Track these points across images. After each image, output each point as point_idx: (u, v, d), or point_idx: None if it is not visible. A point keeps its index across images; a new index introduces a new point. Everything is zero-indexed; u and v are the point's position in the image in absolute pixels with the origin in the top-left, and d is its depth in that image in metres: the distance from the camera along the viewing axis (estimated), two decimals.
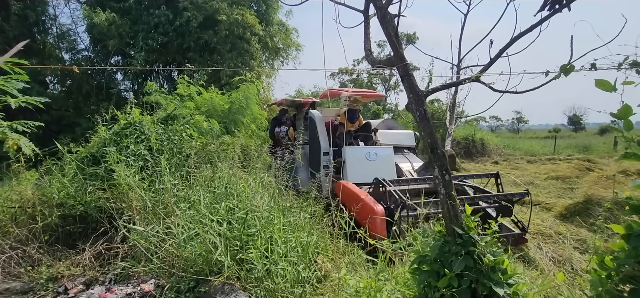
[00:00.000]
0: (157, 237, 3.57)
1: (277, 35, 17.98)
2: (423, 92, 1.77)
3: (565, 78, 2.31)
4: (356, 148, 7.04)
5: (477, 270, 1.66)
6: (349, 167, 6.53)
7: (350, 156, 6.65)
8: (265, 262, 3.10)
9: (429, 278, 1.74)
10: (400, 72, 1.78)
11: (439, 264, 1.73)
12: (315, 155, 6.89)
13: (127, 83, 18.37)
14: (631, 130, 1.35)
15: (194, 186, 4.64)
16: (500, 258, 1.70)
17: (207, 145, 5.97)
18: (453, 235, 1.73)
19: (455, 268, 1.64)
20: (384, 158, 6.99)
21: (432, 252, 1.74)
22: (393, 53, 1.78)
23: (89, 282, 4.01)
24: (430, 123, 1.76)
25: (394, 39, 1.75)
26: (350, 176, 6.26)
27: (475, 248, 1.69)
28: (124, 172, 5.13)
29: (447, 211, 1.74)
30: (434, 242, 1.77)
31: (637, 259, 1.28)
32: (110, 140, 6.04)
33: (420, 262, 1.82)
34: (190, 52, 15.64)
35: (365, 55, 2.14)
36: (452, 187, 1.77)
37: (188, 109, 7.66)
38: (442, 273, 1.69)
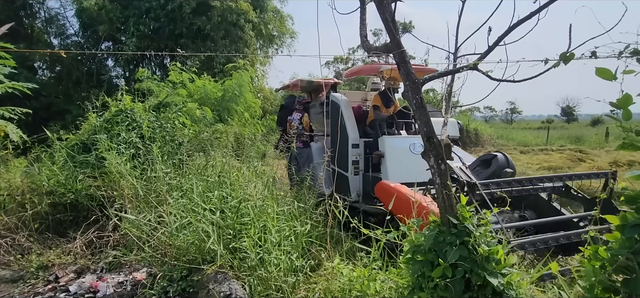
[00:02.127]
0: (149, 226, 3.53)
1: (271, 22, 17.76)
2: (420, 80, 1.74)
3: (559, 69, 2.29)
4: (397, 138, 5.75)
5: (472, 260, 1.66)
6: (390, 162, 5.20)
7: (391, 148, 5.33)
8: (258, 250, 3.08)
9: (423, 268, 1.73)
10: (397, 59, 1.75)
11: (433, 254, 1.72)
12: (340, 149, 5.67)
13: (118, 69, 18.10)
14: (630, 120, 1.34)
15: (187, 174, 4.59)
16: (495, 248, 1.70)
17: (200, 133, 5.90)
18: (448, 225, 1.72)
19: (450, 258, 1.63)
20: None
21: (426, 242, 1.73)
22: (390, 39, 1.74)
23: (80, 270, 3.98)
24: (426, 111, 1.74)
25: (391, 25, 1.71)
26: (392, 173, 4.99)
27: (469, 239, 1.69)
28: (116, 160, 5.05)
29: (443, 201, 1.73)
30: (429, 231, 1.76)
31: (631, 250, 1.28)
32: (101, 127, 5.94)
33: (414, 251, 1.81)
34: (182, 38, 15.39)
35: (361, 42, 2.10)
36: (447, 177, 1.75)
37: (180, 97, 7.55)
38: (436, 263, 1.69)
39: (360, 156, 5.58)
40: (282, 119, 7.37)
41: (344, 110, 5.81)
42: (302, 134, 6.73)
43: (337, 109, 5.85)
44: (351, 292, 2.36)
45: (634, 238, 1.30)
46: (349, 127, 5.67)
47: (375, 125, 5.80)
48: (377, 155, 5.34)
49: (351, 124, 5.76)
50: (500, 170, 4.94)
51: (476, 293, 1.64)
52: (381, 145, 5.41)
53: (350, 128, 5.67)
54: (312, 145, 6.43)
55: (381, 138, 5.50)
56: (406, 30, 27.61)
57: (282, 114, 7.52)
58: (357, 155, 5.56)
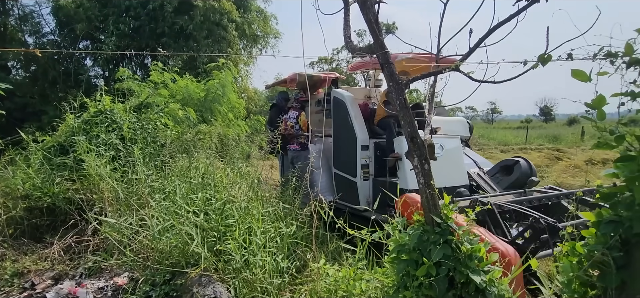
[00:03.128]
0: (130, 229, 3.45)
1: (255, 22, 17.63)
2: (404, 81, 1.76)
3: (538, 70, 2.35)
4: None
5: (455, 259, 1.69)
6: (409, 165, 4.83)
7: None
8: (243, 252, 3.05)
9: (407, 267, 1.75)
10: (381, 60, 1.76)
11: (417, 253, 1.75)
12: (346, 151, 5.03)
13: (97, 69, 17.61)
14: (604, 119, 1.39)
15: (170, 176, 4.51)
16: (477, 246, 1.74)
17: (182, 134, 5.81)
18: (432, 224, 1.75)
19: (434, 257, 1.65)
20: (451, 152, 4.95)
21: (411, 241, 1.75)
22: (373, 40, 1.76)
23: (58, 276, 3.85)
24: (410, 112, 1.76)
25: (374, 26, 1.72)
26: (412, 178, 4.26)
27: (453, 237, 1.72)
28: (95, 162, 4.92)
29: (426, 200, 1.75)
30: (413, 231, 1.78)
31: (606, 245, 1.33)
32: (80, 128, 5.78)
33: (398, 251, 1.83)
34: (164, 37, 15.11)
35: (345, 42, 2.11)
36: (431, 177, 1.78)
37: (162, 97, 7.41)
38: (421, 262, 1.71)
39: (370, 159, 4.97)
40: (273, 118, 6.60)
41: (351, 107, 5.16)
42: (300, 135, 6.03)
43: (342, 106, 5.23)
44: (337, 293, 2.37)
45: (608, 235, 1.35)
46: (357, 127, 5.00)
47: (389, 124, 5.05)
48: (394, 158, 4.65)
49: (359, 122, 5.10)
50: (524, 178, 4.64)
51: (459, 290, 1.67)
52: (398, 146, 4.70)
53: (358, 127, 5.00)
54: (311, 148, 5.74)
55: (398, 138, 4.78)
56: (390, 31, 27.89)
57: (273, 113, 6.78)
58: (366, 158, 4.92)
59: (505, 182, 4.86)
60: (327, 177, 5.57)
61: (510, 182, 4.77)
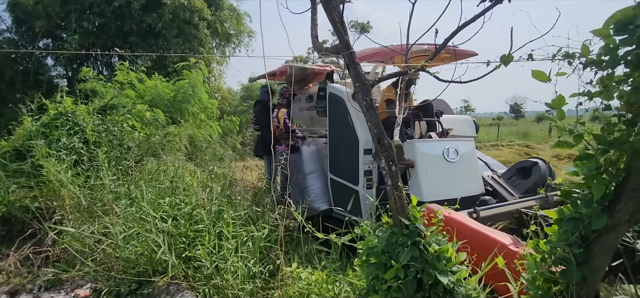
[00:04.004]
0: (92, 238, 3.27)
1: (228, 21, 17.29)
2: (369, 82, 1.75)
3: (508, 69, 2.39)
4: (430, 142, 4.46)
5: (423, 260, 1.69)
6: (423, 174, 4.01)
7: (423, 156, 4.08)
8: (213, 258, 2.96)
9: (376, 271, 1.74)
10: (346, 60, 1.74)
11: (386, 256, 1.73)
12: (345, 155, 4.48)
13: (59, 69, 16.72)
14: (563, 119, 1.43)
15: (136, 181, 4.33)
16: (445, 247, 1.74)
17: (150, 136, 5.59)
18: (400, 226, 1.74)
19: (402, 260, 1.65)
20: (467, 157, 4.41)
21: (379, 244, 1.73)
22: (338, 40, 1.72)
23: (14, 291, 3.61)
24: (376, 113, 1.75)
25: (339, 26, 1.69)
26: (427, 188, 3.91)
27: (421, 239, 1.72)
28: (55, 168, 4.65)
29: (394, 202, 1.75)
30: (382, 234, 1.77)
31: (568, 242, 1.37)
32: (38, 132, 5.46)
33: (368, 254, 1.82)
34: (131, 36, 14.54)
35: (312, 42, 2.07)
36: (398, 178, 1.77)
37: (128, 98, 7.12)
38: (389, 264, 1.70)
39: (373, 165, 4.44)
40: (258, 116, 5.98)
41: (350, 106, 4.50)
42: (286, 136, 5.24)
43: (341, 104, 4.56)
44: (309, 297, 2.33)
45: (570, 231, 1.38)
46: (359, 128, 4.38)
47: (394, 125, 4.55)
48: (405, 165, 4.08)
49: (361, 123, 4.41)
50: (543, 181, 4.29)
51: (428, 292, 1.68)
52: (409, 151, 4.16)
53: (360, 129, 4.37)
54: (303, 150, 5.15)
55: (408, 142, 4.24)
56: (364, 30, 28.12)
57: (258, 110, 6.10)
58: (370, 164, 4.38)
59: (523, 186, 4.49)
60: (321, 183, 5.01)
61: (528, 186, 4.43)
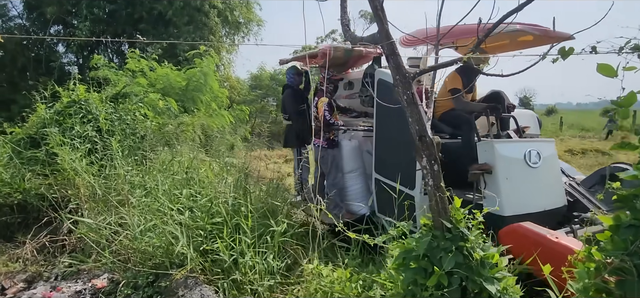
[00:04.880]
0: (109, 229, 3.24)
1: (237, 9, 17.12)
2: (411, 74, 1.64)
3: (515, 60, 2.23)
4: (510, 143, 3.77)
5: (467, 267, 1.60)
6: (504, 182, 3.34)
7: (504, 160, 3.41)
8: (231, 252, 2.91)
9: (415, 276, 1.65)
10: (386, 51, 1.63)
11: (426, 261, 1.65)
12: (398, 153, 3.91)
13: (70, 56, 16.76)
14: (627, 118, 1.32)
15: (151, 171, 4.29)
16: (490, 253, 1.64)
17: (164, 125, 5.54)
18: (441, 230, 1.65)
19: (445, 266, 1.56)
20: (549, 162, 3.72)
21: (419, 248, 1.64)
22: (378, 28, 1.62)
23: (31, 278, 3.61)
24: (418, 108, 1.65)
25: (380, 12, 1.58)
26: (508, 199, 3.25)
27: (464, 243, 1.62)
28: (69, 156, 4.64)
29: (436, 204, 1.65)
30: (422, 237, 1.68)
31: (626, 251, 1.27)
32: (52, 120, 5.44)
33: (404, 258, 1.73)
34: (142, 23, 14.49)
35: (343, 31, 1.97)
36: (440, 178, 1.68)
37: (141, 86, 7.08)
38: (430, 270, 1.61)
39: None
40: (289, 103, 5.32)
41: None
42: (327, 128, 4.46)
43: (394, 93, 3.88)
44: (333, 295, 2.27)
45: (628, 239, 1.29)
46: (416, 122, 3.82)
47: (462, 119, 3.89)
48: (480, 170, 3.42)
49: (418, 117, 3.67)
50: None
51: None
52: (485, 153, 3.48)
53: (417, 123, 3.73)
54: (344, 145, 4.56)
55: (484, 143, 3.56)
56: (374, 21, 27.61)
57: (288, 96, 5.39)
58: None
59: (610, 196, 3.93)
60: (361, 183, 4.49)
61: None
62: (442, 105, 4.20)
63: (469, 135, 3.75)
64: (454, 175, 3.06)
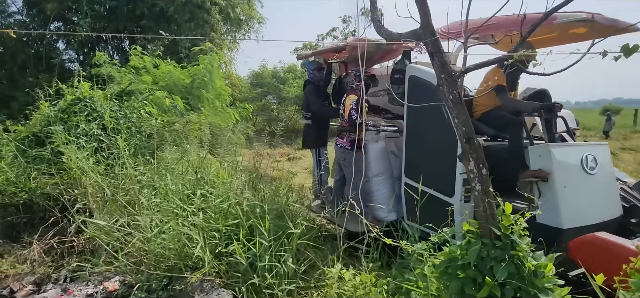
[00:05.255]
0: (121, 231, 3.16)
1: (239, 6, 17.01)
2: (457, 73, 1.56)
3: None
4: (565, 146, 3.46)
5: (520, 277, 1.52)
6: (561, 189, 3.04)
7: (560, 165, 3.10)
8: (248, 254, 2.84)
9: (463, 286, 1.58)
10: (430, 48, 1.56)
11: (475, 270, 1.57)
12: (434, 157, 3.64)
13: (70, 53, 16.64)
14: None
15: (160, 171, 4.20)
16: (542, 263, 1.56)
17: (171, 124, 5.45)
18: (490, 238, 1.58)
19: (498, 276, 1.48)
20: (605, 168, 3.45)
21: (470, 257, 1.57)
22: (421, 24, 1.54)
23: (40, 280, 3.52)
24: (464, 108, 1.57)
25: (425, 6, 1.50)
26: (567, 209, 2.97)
27: (515, 252, 1.55)
28: (75, 155, 4.55)
29: (484, 210, 1.58)
30: (471, 245, 1.60)
31: None
32: (56, 117, 5.34)
33: (448, 266, 1.65)
34: (143, 20, 14.38)
35: (375, 28, 1.89)
36: (489, 183, 1.61)
37: (145, 84, 6.98)
38: (480, 280, 1.54)
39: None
40: (312, 100, 4.97)
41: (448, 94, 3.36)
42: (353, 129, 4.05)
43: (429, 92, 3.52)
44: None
45: None
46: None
47: (509, 121, 3.55)
48: (533, 176, 3.09)
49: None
50: None
51: None
52: (539, 159, 3.14)
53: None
54: (370, 147, 4.19)
55: (539, 147, 3.22)
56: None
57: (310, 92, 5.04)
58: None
59: None
60: (387, 188, 4.17)
61: None
62: (482, 103, 3.85)
63: (517, 138, 3.41)
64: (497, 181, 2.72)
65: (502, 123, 3.67)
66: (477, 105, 3.90)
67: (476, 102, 3.93)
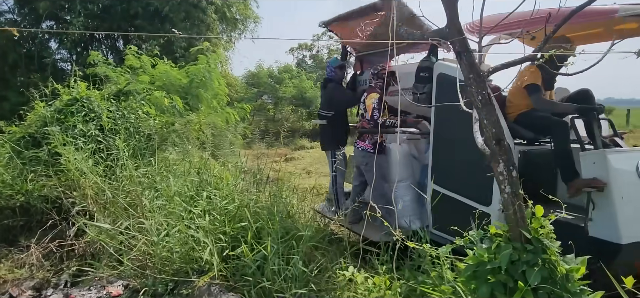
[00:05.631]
0: (126, 235, 3.09)
1: (235, 5, 16.90)
2: (485, 72, 1.53)
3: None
4: (620, 152, 3.14)
5: (552, 281, 1.49)
6: (619, 200, 2.77)
7: (616, 173, 2.84)
8: (255, 257, 2.79)
9: (493, 290, 1.54)
10: (458, 48, 1.52)
11: (505, 275, 1.54)
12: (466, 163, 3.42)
13: (63, 52, 16.38)
14: None
15: (161, 172, 4.13)
16: (575, 266, 1.53)
17: (171, 124, 5.37)
18: (520, 241, 1.55)
19: (532, 280, 1.45)
20: None
21: (502, 261, 1.53)
22: (448, 22, 1.50)
23: (40, 285, 3.44)
24: (494, 109, 1.53)
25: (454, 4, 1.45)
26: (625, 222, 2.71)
27: (547, 256, 1.52)
28: (74, 156, 4.45)
29: (514, 213, 1.55)
30: (502, 248, 1.57)
31: None
32: (53, 118, 5.23)
33: (476, 270, 1.62)
34: (137, 19, 14.20)
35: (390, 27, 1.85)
36: (519, 185, 1.58)
37: (143, 83, 6.89)
38: (511, 285, 1.51)
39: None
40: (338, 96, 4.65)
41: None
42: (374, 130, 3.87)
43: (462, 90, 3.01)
44: None
45: None
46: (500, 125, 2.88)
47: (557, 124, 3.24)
48: (587, 186, 2.82)
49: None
50: None
51: None
52: (594, 166, 2.87)
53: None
54: (392, 149, 3.99)
55: (594, 153, 2.93)
56: None
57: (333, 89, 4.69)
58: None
59: None
60: (411, 194, 3.94)
61: None
62: (517, 104, 3.57)
63: (565, 142, 3.11)
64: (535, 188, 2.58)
65: (543, 125, 3.39)
66: (511, 105, 3.65)
67: (510, 102, 3.67)
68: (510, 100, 3.67)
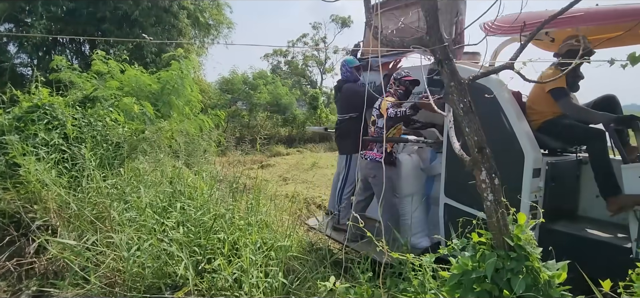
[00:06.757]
0: (93, 251, 2.91)
1: (207, 11, 16.62)
2: (466, 81, 1.53)
3: None
4: None
5: (536, 289, 1.50)
6: None
7: None
8: (233, 269, 2.70)
9: None
10: (439, 56, 1.52)
11: (491, 283, 1.53)
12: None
13: (23, 56, 15.49)
14: None
15: (131, 182, 3.95)
16: (556, 273, 1.55)
17: (141, 131, 5.16)
18: (504, 248, 1.55)
19: (517, 288, 1.45)
20: None
21: (487, 269, 1.53)
22: (428, 29, 1.50)
23: None
24: (476, 117, 1.54)
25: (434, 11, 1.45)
26: None
27: (530, 263, 1.53)
28: (35, 167, 4.17)
29: (497, 221, 1.55)
30: (487, 256, 1.57)
31: None
32: (11, 126, 4.90)
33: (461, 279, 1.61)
34: (105, 23, 13.67)
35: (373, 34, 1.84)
36: (501, 192, 1.59)
37: (111, 90, 6.60)
38: (496, 293, 1.51)
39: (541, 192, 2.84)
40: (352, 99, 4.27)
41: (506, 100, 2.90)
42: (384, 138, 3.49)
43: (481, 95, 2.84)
44: None
45: None
46: (523, 136, 2.80)
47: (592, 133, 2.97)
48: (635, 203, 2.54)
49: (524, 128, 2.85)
50: None
51: None
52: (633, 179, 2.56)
53: (524, 137, 2.79)
54: (403, 160, 3.71)
55: (632, 167, 2.61)
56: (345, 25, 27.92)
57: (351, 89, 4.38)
58: (538, 192, 2.81)
59: None
60: (423, 209, 3.69)
61: None
62: (540, 111, 3.23)
63: (604, 154, 2.83)
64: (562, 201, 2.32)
65: (574, 134, 3.09)
66: (533, 112, 3.27)
67: (531, 109, 3.30)
68: (530, 106, 3.34)
